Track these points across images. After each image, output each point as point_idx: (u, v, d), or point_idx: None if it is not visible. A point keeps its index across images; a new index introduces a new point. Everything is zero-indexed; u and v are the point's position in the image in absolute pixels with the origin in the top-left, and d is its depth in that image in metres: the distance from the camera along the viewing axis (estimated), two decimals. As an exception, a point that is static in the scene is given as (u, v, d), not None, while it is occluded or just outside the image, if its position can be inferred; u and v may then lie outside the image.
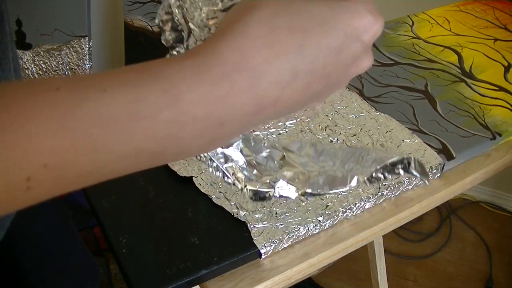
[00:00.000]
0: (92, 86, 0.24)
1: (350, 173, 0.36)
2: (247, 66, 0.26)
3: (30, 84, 0.24)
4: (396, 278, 1.49)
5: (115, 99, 0.24)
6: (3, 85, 0.24)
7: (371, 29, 0.30)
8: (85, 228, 1.51)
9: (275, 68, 0.27)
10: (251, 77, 0.26)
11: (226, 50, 0.26)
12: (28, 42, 1.16)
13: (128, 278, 0.49)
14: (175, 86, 0.25)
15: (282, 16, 0.27)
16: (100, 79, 0.25)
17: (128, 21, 1.17)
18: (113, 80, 0.25)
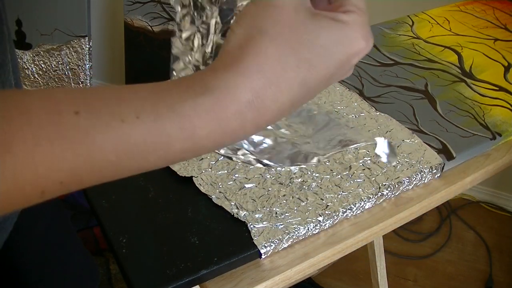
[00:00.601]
0: (111, 114, 0.26)
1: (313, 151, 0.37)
2: (258, 105, 0.28)
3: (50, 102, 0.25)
4: (396, 278, 1.49)
5: (134, 131, 0.26)
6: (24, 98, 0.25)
7: (361, 54, 0.31)
8: (85, 228, 1.51)
9: (279, 103, 0.29)
10: (259, 113, 0.28)
11: (241, 90, 0.28)
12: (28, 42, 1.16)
13: (128, 278, 0.49)
14: (191, 122, 0.27)
15: (291, 51, 0.28)
16: (116, 106, 0.26)
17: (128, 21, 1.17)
18: (129, 110, 0.26)
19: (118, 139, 0.25)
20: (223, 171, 0.60)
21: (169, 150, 0.27)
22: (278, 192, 0.57)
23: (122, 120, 0.25)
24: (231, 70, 0.28)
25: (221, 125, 0.28)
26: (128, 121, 0.26)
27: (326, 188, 0.58)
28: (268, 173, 0.60)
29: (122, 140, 0.26)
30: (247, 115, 0.28)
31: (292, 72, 0.28)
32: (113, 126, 0.25)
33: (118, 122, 0.25)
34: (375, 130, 0.67)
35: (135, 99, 0.26)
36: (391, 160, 0.39)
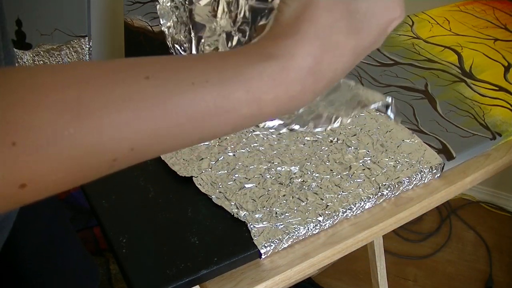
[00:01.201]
0: (181, 79, 0.26)
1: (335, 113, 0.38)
2: (317, 70, 0.30)
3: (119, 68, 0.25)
4: (396, 278, 1.49)
5: (203, 94, 0.27)
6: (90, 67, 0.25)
7: (396, 22, 0.34)
8: (85, 228, 1.51)
9: (334, 69, 0.31)
10: (317, 79, 0.30)
11: (303, 56, 0.29)
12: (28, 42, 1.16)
13: (128, 278, 0.49)
14: (257, 87, 0.28)
15: (342, 19, 0.31)
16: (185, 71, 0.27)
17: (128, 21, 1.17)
18: (199, 75, 0.27)
19: (188, 102, 0.26)
20: (223, 171, 0.60)
21: (236, 114, 0.28)
22: (278, 192, 0.57)
23: (193, 83, 0.26)
24: (292, 38, 0.30)
25: (284, 90, 0.29)
26: (198, 85, 0.26)
27: (326, 188, 0.58)
28: (268, 173, 0.60)
29: (193, 103, 0.26)
30: (307, 80, 0.29)
31: (344, 39, 0.31)
32: (183, 89, 0.26)
33: (188, 86, 0.26)
34: (375, 130, 0.67)
35: (204, 65, 0.28)
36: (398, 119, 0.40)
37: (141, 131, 0.25)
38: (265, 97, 0.28)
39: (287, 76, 0.29)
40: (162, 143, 0.26)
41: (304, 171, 0.60)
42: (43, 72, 0.24)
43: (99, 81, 0.24)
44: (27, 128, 0.22)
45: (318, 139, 0.65)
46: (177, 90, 0.26)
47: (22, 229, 0.73)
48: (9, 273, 0.77)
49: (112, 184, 0.58)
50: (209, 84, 0.27)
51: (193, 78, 0.27)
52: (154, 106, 0.25)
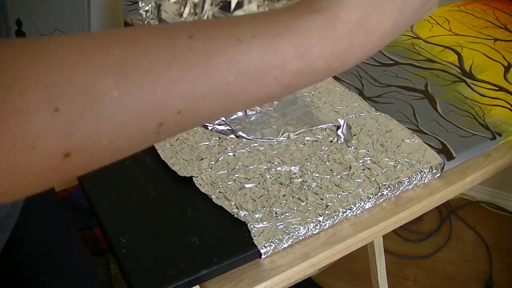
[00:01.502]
0: (226, 36, 0.25)
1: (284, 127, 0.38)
2: (366, 25, 0.29)
3: (160, 29, 0.25)
4: (396, 278, 1.49)
5: (251, 49, 0.26)
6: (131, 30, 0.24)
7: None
8: (85, 228, 1.51)
9: (383, 25, 0.30)
10: (366, 33, 0.29)
11: (350, 9, 0.28)
12: (28, 42, 1.16)
13: (128, 278, 0.49)
14: (305, 41, 0.27)
15: None
16: (230, 28, 0.26)
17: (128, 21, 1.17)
18: (244, 31, 0.26)
19: (235, 58, 0.25)
20: (223, 171, 0.60)
21: (285, 71, 0.27)
22: (278, 192, 0.57)
23: (239, 39, 0.25)
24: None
25: (332, 44, 0.28)
26: (244, 41, 0.25)
27: (326, 188, 0.58)
28: (268, 173, 0.60)
29: (240, 60, 0.25)
30: (355, 35, 0.28)
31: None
32: (229, 46, 0.25)
33: (234, 42, 0.25)
34: (375, 130, 0.67)
35: (249, 22, 0.27)
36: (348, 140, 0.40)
37: (187, 91, 0.24)
38: (313, 51, 0.27)
39: (335, 30, 0.28)
40: (210, 104, 0.25)
41: (304, 171, 0.60)
42: (82, 36, 0.23)
43: (143, 41, 0.23)
44: (69, 92, 0.20)
45: (318, 139, 0.65)
46: (222, 47, 0.25)
47: (23, 228, 0.73)
48: (10, 272, 0.78)
49: (112, 184, 0.58)
50: (255, 39, 0.26)
51: (238, 35, 0.26)
52: (199, 64, 0.24)
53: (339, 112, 0.70)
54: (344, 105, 0.72)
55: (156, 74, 0.23)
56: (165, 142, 0.63)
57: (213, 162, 0.61)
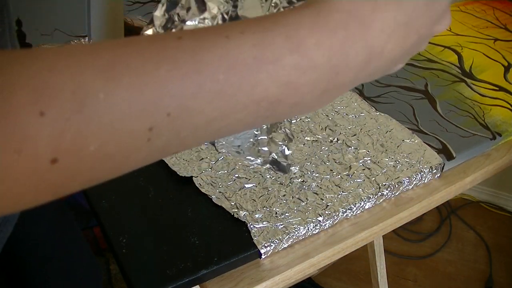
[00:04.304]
0: (215, 34, 0.25)
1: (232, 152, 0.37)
2: (358, 14, 0.27)
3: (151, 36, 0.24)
4: (396, 278, 1.49)
5: (241, 44, 0.25)
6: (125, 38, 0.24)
7: (442, 27, 0.32)
8: (85, 228, 1.51)
9: (381, 18, 0.28)
10: (362, 24, 0.27)
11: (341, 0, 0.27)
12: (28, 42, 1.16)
13: (128, 278, 0.49)
14: (297, 31, 0.26)
15: None
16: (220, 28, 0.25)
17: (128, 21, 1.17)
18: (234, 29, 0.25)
19: (225, 54, 0.24)
20: (223, 171, 0.60)
21: (278, 65, 0.25)
22: (278, 192, 0.57)
23: (227, 36, 0.25)
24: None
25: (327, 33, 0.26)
26: (233, 37, 0.25)
27: (326, 188, 0.58)
28: (268, 173, 0.60)
29: (229, 55, 0.24)
30: (350, 24, 0.27)
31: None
32: (219, 42, 0.24)
33: (223, 39, 0.24)
34: (375, 130, 0.67)
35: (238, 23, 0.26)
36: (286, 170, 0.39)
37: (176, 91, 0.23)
38: (306, 42, 0.26)
39: (326, 18, 0.26)
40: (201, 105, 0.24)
41: (304, 171, 0.60)
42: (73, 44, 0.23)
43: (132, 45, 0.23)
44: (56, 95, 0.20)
45: (318, 139, 0.65)
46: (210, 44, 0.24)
47: (26, 227, 0.73)
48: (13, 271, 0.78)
49: (112, 184, 0.58)
50: (244, 35, 0.25)
51: (227, 32, 0.25)
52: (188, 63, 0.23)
53: (339, 112, 0.70)
54: (344, 105, 0.72)
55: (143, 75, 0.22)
56: (165, 142, 0.63)
57: (213, 162, 0.61)
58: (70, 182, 0.22)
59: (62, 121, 0.20)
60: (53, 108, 0.20)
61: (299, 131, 0.67)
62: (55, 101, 0.20)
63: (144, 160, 0.24)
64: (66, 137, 0.20)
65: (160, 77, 0.22)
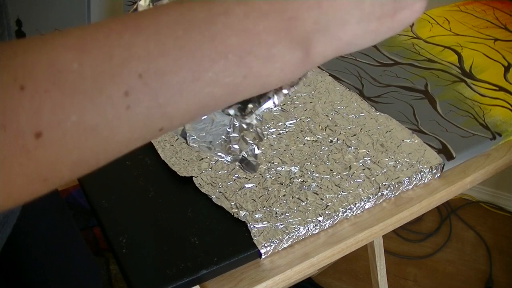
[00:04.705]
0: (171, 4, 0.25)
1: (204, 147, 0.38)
2: None
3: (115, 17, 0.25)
4: (396, 278, 1.49)
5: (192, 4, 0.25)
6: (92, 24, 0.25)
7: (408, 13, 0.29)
8: (85, 228, 1.51)
9: None
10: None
11: None
12: (28, 42, 1.16)
13: (128, 278, 0.49)
14: None
15: None
16: None
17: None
18: None
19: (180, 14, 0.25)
20: (223, 171, 0.60)
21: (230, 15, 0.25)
22: (278, 192, 0.57)
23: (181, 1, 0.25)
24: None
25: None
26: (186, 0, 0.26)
27: (326, 188, 0.58)
28: (268, 173, 0.60)
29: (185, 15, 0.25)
30: None
31: None
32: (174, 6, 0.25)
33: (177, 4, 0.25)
34: (375, 130, 0.67)
35: None
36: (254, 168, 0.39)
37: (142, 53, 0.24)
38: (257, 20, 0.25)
39: None
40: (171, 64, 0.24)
41: (304, 171, 0.60)
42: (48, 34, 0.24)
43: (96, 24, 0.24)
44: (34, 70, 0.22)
45: (318, 139, 0.65)
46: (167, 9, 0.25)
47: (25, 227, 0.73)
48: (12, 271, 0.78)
49: (112, 184, 0.58)
50: None
51: None
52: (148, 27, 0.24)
53: (339, 112, 0.70)
54: (344, 105, 0.72)
55: (109, 43, 0.23)
56: (165, 142, 0.64)
57: (213, 162, 0.61)
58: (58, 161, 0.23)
59: (41, 93, 0.21)
60: (31, 81, 0.21)
61: (299, 131, 0.67)
62: (32, 75, 0.21)
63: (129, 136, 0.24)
64: (46, 107, 0.21)
65: (124, 42, 0.23)
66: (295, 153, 0.63)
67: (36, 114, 0.21)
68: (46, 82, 0.22)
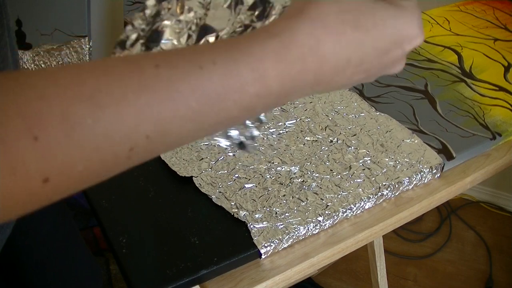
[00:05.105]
0: (190, 63, 0.27)
1: None
2: (318, 51, 0.30)
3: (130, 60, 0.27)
4: (396, 278, 1.49)
5: (212, 75, 0.28)
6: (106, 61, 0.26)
7: (414, 41, 0.34)
8: (85, 228, 1.51)
9: (337, 57, 0.31)
10: (318, 61, 0.30)
11: (304, 34, 0.30)
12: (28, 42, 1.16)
13: (128, 278, 0.49)
14: (261, 64, 0.29)
15: (351, 12, 0.31)
16: (194, 55, 0.28)
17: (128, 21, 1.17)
18: (206, 57, 0.28)
19: (198, 85, 0.27)
20: (223, 171, 0.60)
21: (244, 94, 0.28)
22: (278, 192, 0.57)
23: (200, 67, 0.27)
24: (294, 18, 0.31)
25: (286, 67, 0.29)
26: (206, 68, 0.27)
27: (326, 188, 0.58)
28: (268, 173, 0.60)
29: (202, 86, 0.27)
30: (308, 59, 0.30)
31: (350, 30, 0.31)
32: (193, 73, 0.27)
33: (197, 69, 0.27)
34: (375, 130, 0.67)
35: (210, 49, 0.29)
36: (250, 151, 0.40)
37: (154, 117, 0.26)
38: (269, 74, 0.29)
39: (288, 53, 0.29)
40: (176, 128, 0.27)
41: (304, 171, 0.60)
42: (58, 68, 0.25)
43: (113, 72, 0.25)
44: (48, 121, 0.22)
45: (318, 139, 0.65)
46: (186, 75, 0.27)
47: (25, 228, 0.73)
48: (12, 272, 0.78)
49: (112, 184, 0.58)
50: (216, 66, 0.28)
51: (200, 62, 0.27)
52: (164, 91, 0.26)
53: (339, 112, 0.70)
54: (344, 105, 0.72)
55: (125, 103, 0.25)
56: (165, 142, 0.63)
57: (213, 162, 0.61)
58: (60, 196, 0.24)
59: (54, 145, 0.22)
60: (45, 133, 0.22)
61: (299, 131, 0.67)
62: (47, 127, 0.22)
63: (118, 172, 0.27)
64: (57, 159, 0.23)
65: (140, 105, 0.25)
66: (295, 153, 0.63)
67: (47, 163, 0.23)
68: (59, 135, 0.23)
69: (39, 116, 0.22)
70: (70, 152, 0.23)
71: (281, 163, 0.61)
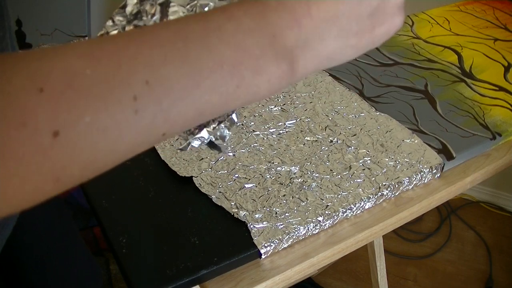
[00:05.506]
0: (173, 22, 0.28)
1: None
2: None
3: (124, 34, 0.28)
4: (396, 278, 1.49)
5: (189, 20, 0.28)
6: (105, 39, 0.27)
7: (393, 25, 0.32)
8: (85, 228, 1.51)
9: None
10: None
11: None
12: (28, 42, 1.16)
13: (128, 278, 0.49)
14: None
15: None
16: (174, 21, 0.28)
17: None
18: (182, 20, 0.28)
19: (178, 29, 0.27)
20: (223, 171, 0.60)
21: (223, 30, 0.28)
22: (278, 192, 0.57)
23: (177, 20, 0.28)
24: None
25: None
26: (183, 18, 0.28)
27: (326, 188, 0.58)
28: (268, 173, 0.60)
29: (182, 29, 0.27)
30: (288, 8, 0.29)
31: None
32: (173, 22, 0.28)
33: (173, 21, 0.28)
34: (375, 130, 0.67)
35: None
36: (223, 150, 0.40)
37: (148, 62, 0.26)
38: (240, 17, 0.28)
39: None
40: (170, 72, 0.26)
41: (304, 171, 0.60)
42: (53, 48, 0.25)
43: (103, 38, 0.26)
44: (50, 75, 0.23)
45: (318, 139, 0.65)
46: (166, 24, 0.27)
47: (25, 228, 0.73)
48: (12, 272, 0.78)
49: (112, 184, 0.58)
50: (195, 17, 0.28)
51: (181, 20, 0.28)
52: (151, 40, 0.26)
53: (339, 112, 0.70)
54: (344, 105, 0.72)
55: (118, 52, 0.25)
56: (165, 142, 0.64)
57: (213, 162, 0.61)
58: (71, 161, 0.24)
59: (58, 95, 0.23)
60: (49, 84, 0.23)
61: (299, 131, 0.67)
62: (49, 79, 0.23)
63: (135, 139, 0.26)
64: (63, 108, 0.23)
65: (131, 53, 0.26)
66: (295, 153, 0.63)
67: (53, 114, 0.23)
68: (62, 85, 0.23)
69: (41, 71, 0.23)
70: (75, 102, 0.23)
71: (281, 163, 0.61)
